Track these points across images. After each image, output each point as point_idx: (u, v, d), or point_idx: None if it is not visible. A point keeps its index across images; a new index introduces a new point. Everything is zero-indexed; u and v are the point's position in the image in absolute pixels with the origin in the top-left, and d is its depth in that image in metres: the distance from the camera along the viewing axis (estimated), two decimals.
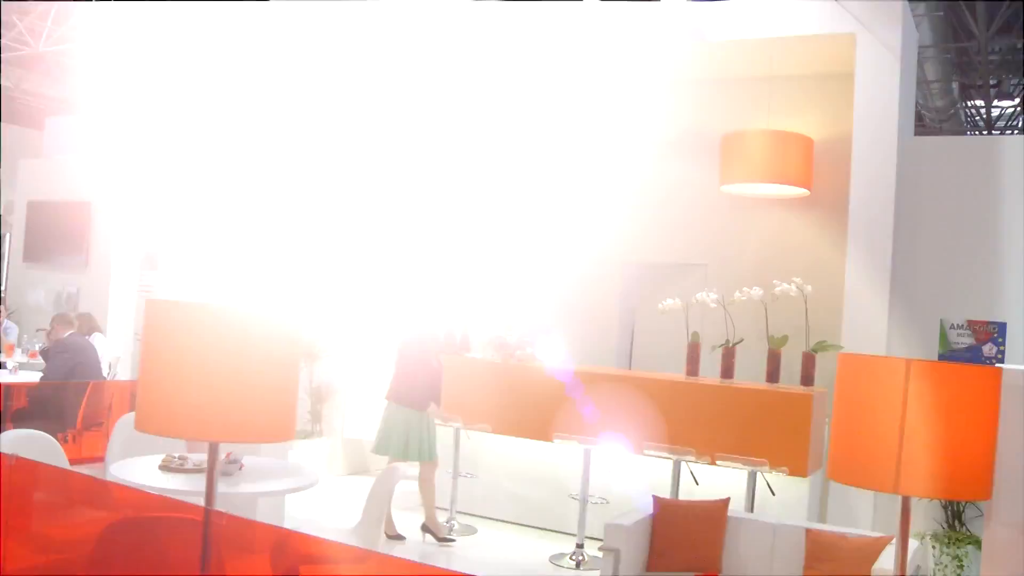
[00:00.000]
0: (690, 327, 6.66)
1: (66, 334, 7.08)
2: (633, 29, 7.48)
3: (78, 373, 6.87)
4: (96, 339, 8.11)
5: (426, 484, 6.33)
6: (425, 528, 6.39)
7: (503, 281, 8.90)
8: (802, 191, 7.27)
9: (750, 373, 7.09)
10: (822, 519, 6.50)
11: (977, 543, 5.95)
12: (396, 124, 9.15)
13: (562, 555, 6.28)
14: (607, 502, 6.47)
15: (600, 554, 4.57)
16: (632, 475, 6.39)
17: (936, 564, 6.02)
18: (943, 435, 2.44)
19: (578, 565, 6.13)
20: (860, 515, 6.34)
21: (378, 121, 9.16)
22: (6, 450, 3.23)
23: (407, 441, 6.23)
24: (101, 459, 5.65)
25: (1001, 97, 14.99)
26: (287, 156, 9.72)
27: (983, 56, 12.18)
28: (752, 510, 5.62)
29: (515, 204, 8.91)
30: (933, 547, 6.06)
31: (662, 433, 6.18)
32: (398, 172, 9.18)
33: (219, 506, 2.48)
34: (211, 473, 2.55)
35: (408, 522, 6.70)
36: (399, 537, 6.37)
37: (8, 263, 13.40)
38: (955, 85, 13.74)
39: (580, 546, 6.23)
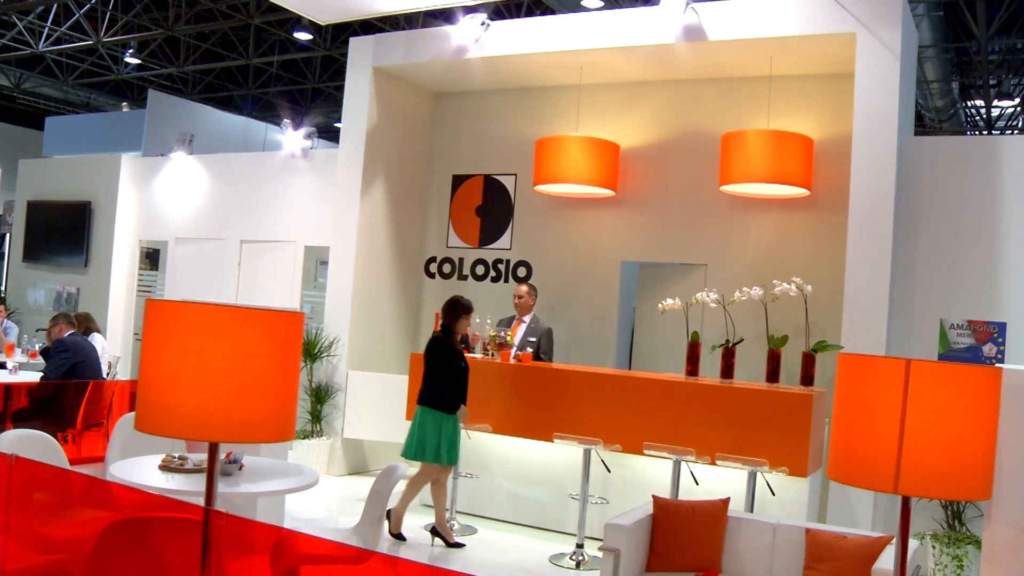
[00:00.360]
0: (690, 327, 6.67)
1: (66, 334, 7.09)
2: (633, 29, 7.47)
3: (78, 373, 6.87)
4: (96, 339, 8.12)
5: (439, 487, 6.31)
6: (435, 531, 6.37)
7: (502, 281, 8.90)
8: (802, 191, 7.26)
9: (750, 373, 7.10)
10: (822, 519, 6.50)
11: (977, 543, 5.95)
12: None
13: (562, 555, 6.28)
14: (607, 502, 6.47)
15: (600, 554, 4.57)
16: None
17: (936, 564, 6.02)
18: (943, 435, 2.45)
19: (578, 565, 6.13)
20: (860, 515, 6.34)
21: None
22: (6, 450, 3.23)
23: (438, 445, 6.21)
24: (101, 459, 5.65)
25: (1001, 97, 15.00)
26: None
27: (983, 56, 12.19)
28: (752, 510, 5.62)
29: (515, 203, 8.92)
30: (933, 547, 6.06)
31: (662, 433, 6.18)
32: None
33: (219, 506, 2.48)
34: (211, 473, 2.55)
35: (408, 522, 6.69)
36: (400, 537, 6.36)
37: (8, 263, 13.40)
38: (955, 85, 13.75)
39: (580, 546, 6.23)
